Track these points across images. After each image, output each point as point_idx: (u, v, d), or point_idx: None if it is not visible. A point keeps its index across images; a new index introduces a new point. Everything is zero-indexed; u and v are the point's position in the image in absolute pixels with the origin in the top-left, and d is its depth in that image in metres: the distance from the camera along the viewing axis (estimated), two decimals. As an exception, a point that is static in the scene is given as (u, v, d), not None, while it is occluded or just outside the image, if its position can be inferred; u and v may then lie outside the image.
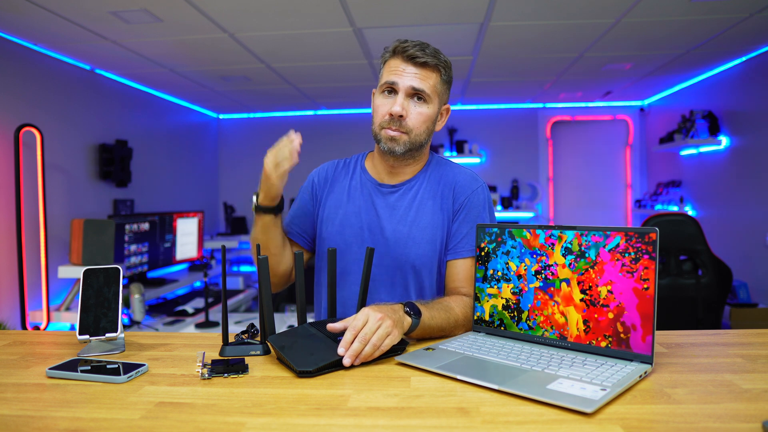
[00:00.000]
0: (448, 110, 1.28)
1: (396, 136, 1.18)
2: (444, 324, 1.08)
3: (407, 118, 1.17)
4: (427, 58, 1.16)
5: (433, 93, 1.19)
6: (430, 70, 1.18)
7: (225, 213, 5.17)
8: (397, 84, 1.17)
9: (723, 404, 0.73)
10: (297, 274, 1.07)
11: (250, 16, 2.57)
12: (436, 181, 1.27)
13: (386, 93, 1.19)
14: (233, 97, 4.55)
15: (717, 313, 2.71)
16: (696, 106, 4.03)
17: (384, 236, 1.23)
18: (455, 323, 1.11)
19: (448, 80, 1.23)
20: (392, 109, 1.16)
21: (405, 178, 1.28)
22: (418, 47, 1.16)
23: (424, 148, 1.26)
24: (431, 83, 1.18)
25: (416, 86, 1.16)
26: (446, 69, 1.21)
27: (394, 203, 1.25)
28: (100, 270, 1.07)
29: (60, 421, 0.71)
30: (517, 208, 5.05)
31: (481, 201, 1.25)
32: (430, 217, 1.23)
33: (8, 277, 2.71)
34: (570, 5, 2.51)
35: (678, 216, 2.79)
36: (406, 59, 1.17)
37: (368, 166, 1.32)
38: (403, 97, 1.17)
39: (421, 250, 1.21)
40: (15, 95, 2.80)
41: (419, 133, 1.20)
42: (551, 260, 0.99)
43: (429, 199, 1.25)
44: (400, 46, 1.18)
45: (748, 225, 3.45)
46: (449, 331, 1.10)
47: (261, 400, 0.77)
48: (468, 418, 0.70)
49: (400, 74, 1.17)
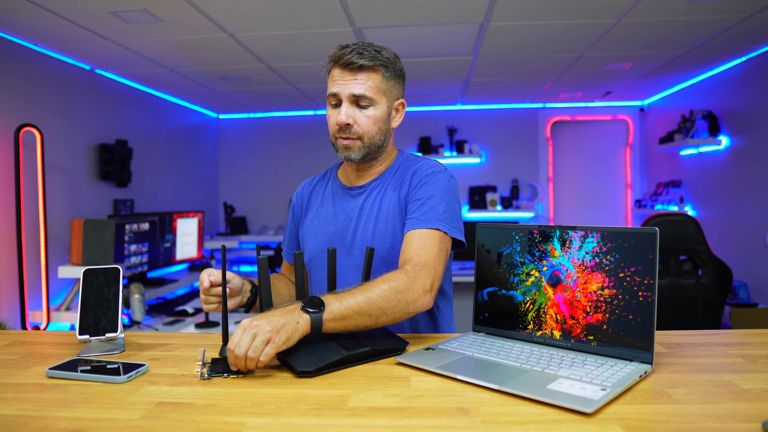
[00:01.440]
0: (404, 104, 1.28)
1: (349, 144, 1.20)
2: (364, 305, 0.96)
3: (355, 125, 1.19)
4: (363, 61, 1.16)
5: (377, 94, 1.19)
6: (370, 72, 1.18)
7: (225, 213, 5.17)
8: (339, 94, 1.18)
9: (723, 404, 0.73)
10: (297, 274, 1.07)
11: (250, 16, 2.57)
12: (400, 175, 1.27)
13: (333, 105, 1.21)
14: (233, 97, 4.55)
15: (717, 313, 2.71)
16: (696, 106, 4.03)
17: (355, 237, 1.24)
18: (381, 299, 0.98)
19: (395, 75, 1.23)
20: (338, 119, 1.18)
21: (372, 178, 1.30)
22: (354, 52, 1.16)
23: (384, 148, 1.27)
24: (373, 85, 1.18)
25: (356, 92, 1.17)
26: (389, 65, 1.20)
27: (362, 203, 1.27)
28: (100, 270, 1.07)
29: (60, 421, 0.71)
30: (517, 208, 5.05)
31: (435, 181, 1.19)
32: (392, 209, 1.23)
33: (8, 277, 2.71)
34: (570, 5, 2.51)
35: (678, 216, 2.79)
36: (343, 67, 1.17)
37: (340, 174, 1.36)
38: (347, 106, 1.18)
39: (389, 244, 1.21)
40: (15, 95, 2.80)
41: (372, 136, 1.21)
42: (551, 260, 0.99)
43: (391, 192, 1.25)
44: (337, 54, 1.18)
45: (748, 225, 3.45)
46: (377, 312, 0.98)
47: (261, 400, 0.77)
48: (468, 418, 0.70)
49: (340, 84, 1.18)
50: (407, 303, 1.01)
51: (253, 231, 5.33)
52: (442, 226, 1.13)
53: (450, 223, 1.15)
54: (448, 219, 1.15)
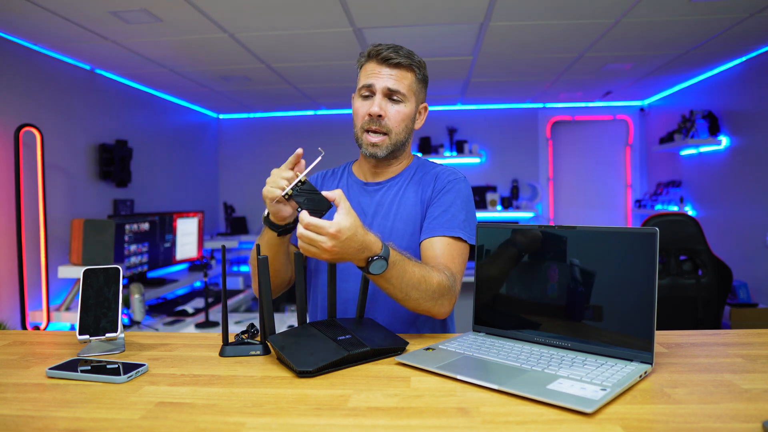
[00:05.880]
0: (426, 108, 1.32)
1: (377, 142, 1.23)
2: (419, 279, 1.04)
3: (386, 118, 1.22)
4: (401, 59, 1.21)
5: (409, 92, 1.23)
6: (405, 70, 1.22)
7: (225, 213, 5.17)
8: (374, 86, 1.21)
9: (723, 404, 0.73)
10: (297, 273, 1.07)
11: (250, 16, 2.57)
12: (420, 176, 1.30)
13: (364, 96, 1.23)
14: (233, 97, 4.55)
15: (717, 313, 2.71)
16: (696, 106, 4.02)
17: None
18: (431, 284, 1.06)
19: (423, 79, 1.28)
20: (371, 110, 1.21)
21: (390, 176, 1.32)
22: (391, 50, 1.21)
23: (406, 147, 1.30)
24: (407, 83, 1.22)
25: (391, 86, 1.21)
26: (420, 68, 1.26)
27: (379, 200, 1.29)
28: (100, 270, 1.07)
29: (60, 421, 0.71)
30: (517, 208, 5.05)
31: (458, 190, 1.25)
32: (411, 208, 1.25)
33: (8, 277, 2.70)
34: (570, 5, 2.51)
35: (678, 216, 2.79)
36: (381, 62, 1.21)
37: (355, 169, 1.38)
38: (380, 98, 1.21)
39: (405, 243, 1.22)
40: (15, 95, 2.80)
41: (399, 132, 1.24)
42: (551, 260, 0.99)
43: (411, 193, 1.27)
44: (374, 50, 1.22)
45: (748, 225, 3.45)
46: (425, 293, 1.05)
47: (261, 400, 0.77)
48: (468, 418, 0.70)
49: (376, 76, 1.21)
50: (436, 303, 1.09)
51: (253, 231, 5.32)
52: (463, 234, 1.19)
53: (469, 231, 1.21)
54: (468, 227, 1.21)
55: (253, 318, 3.19)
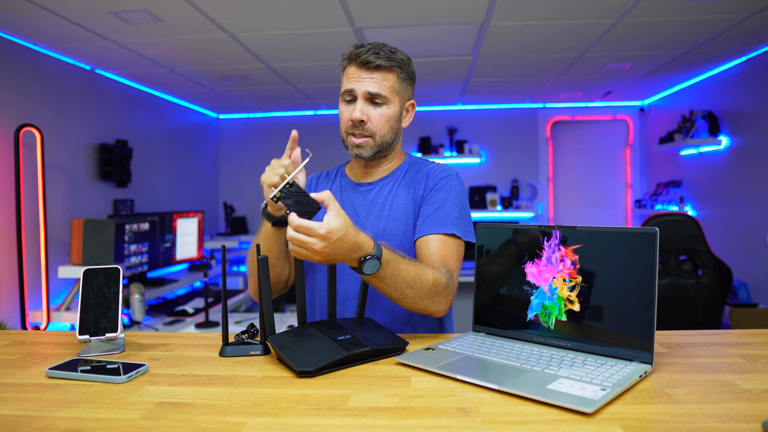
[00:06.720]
0: (414, 106, 1.31)
1: (361, 143, 1.22)
2: (414, 277, 1.05)
3: (368, 122, 1.21)
4: (381, 61, 1.19)
5: (391, 93, 1.22)
6: (386, 72, 1.21)
7: (225, 213, 5.17)
8: (355, 90, 1.20)
9: (723, 404, 0.73)
10: (296, 274, 1.07)
11: (250, 16, 2.57)
12: (411, 174, 1.30)
13: (347, 101, 1.23)
14: (233, 97, 4.55)
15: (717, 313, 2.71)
16: (696, 106, 4.02)
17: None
18: (427, 282, 1.07)
19: (408, 77, 1.26)
20: (353, 116, 1.20)
21: (381, 175, 1.32)
22: (371, 51, 1.19)
23: (394, 146, 1.30)
24: (388, 84, 1.21)
25: (372, 90, 1.19)
26: (403, 67, 1.24)
27: (372, 200, 1.29)
28: (100, 270, 1.07)
29: (60, 421, 0.71)
30: (517, 208, 5.05)
31: (450, 187, 1.24)
32: (403, 208, 1.25)
33: (8, 277, 2.70)
34: (570, 5, 2.51)
35: (678, 216, 2.79)
36: (360, 65, 1.20)
37: (347, 170, 1.38)
38: (362, 103, 1.20)
39: (398, 242, 1.22)
40: (15, 95, 2.80)
41: (384, 134, 1.23)
42: (551, 260, 0.99)
43: (403, 192, 1.27)
44: (354, 53, 1.21)
45: (748, 225, 3.45)
46: (420, 291, 1.06)
47: (261, 400, 0.77)
48: (468, 418, 0.70)
49: (356, 81, 1.20)
50: (432, 301, 1.09)
51: (253, 231, 5.32)
52: (457, 231, 1.18)
53: (464, 227, 1.21)
54: (462, 224, 1.20)
55: (253, 318, 3.19)
